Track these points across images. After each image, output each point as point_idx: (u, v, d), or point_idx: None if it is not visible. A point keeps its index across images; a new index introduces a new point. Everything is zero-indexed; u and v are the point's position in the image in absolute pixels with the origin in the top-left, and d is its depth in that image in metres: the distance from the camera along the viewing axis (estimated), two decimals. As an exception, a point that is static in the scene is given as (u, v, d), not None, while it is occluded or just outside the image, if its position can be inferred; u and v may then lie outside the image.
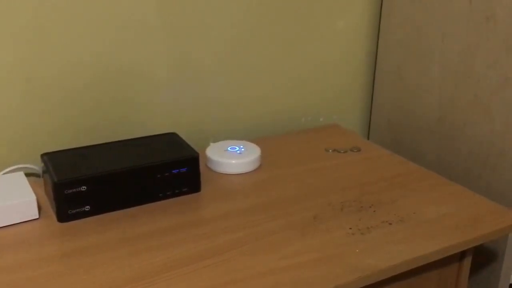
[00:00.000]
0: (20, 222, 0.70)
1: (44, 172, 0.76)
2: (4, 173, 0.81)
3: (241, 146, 0.90)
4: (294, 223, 0.71)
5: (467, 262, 0.77)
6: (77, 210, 0.71)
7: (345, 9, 1.08)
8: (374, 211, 0.74)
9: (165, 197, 0.77)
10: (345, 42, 1.10)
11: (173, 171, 0.77)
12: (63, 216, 0.71)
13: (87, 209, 0.72)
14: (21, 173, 0.77)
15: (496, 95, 0.86)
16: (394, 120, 1.10)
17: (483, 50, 0.87)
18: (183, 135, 0.92)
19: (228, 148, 0.90)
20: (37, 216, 0.71)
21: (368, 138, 1.19)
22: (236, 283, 0.59)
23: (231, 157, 0.86)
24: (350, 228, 0.70)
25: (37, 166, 0.84)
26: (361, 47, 1.13)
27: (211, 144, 0.92)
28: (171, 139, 0.84)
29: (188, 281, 0.59)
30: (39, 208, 0.72)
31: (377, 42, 1.12)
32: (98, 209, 0.73)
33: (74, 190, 0.70)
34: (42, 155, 0.77)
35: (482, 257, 0.90)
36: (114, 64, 0.89)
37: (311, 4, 1.04)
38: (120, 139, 0.87)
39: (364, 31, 1.12)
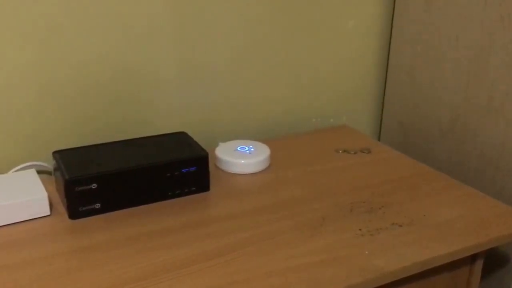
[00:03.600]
0: (32, 219, 0.71)
1: (55, 169, 0.77)
2: (16, 170, 0.82)
3: (251, 146, 0.90)
4: (302, 224, 0.71)
5: (479, 265, 0.76)
6: (88, 207, 0.72)
7: (357, 9, 1.07)
8: (384, 212, 0.74)
9: (174, 196, 0.77)
10: (356, 42, 1.10)
11: (182, 170, 0.77)
12: (74, 213, 0.71)
13: (97, 207, 0.72)
14: (33, 170, 0.78)
15: (510, 97, 0.85)
16: (405, 121, 1.09)
17: (497, 50, 0.86)
18: (192, 134, 0.92)
19: (238, 148, 0.90)
20: (49, 213, 0.72)
21: (379, 139, 1.19)
22: (243, 283, 0.58)
23: (241, 157, 0.86)
24: (360, 230, 0.69)
25: (48, 164, 0.85)
26: (372, 47, 1.12)
27: (221, 144, 0.92)
28: (180, 138, 0.84)
29: (196, 280, 0.59)
30: (51, 205, 0.73)
31: (389, 42, 1.11)
32: (108, 206, 0.73)
33: (85, 187, 0.71)
34: (54, 153, 0.78)
35: (494, 260, 0.89)
36: (125, 64, 0.89)
37: (322, 4, 1.03)
38: (130, 137, 0.88)
39: (376, 31, 1.11)
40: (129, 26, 0.88)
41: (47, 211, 0.72)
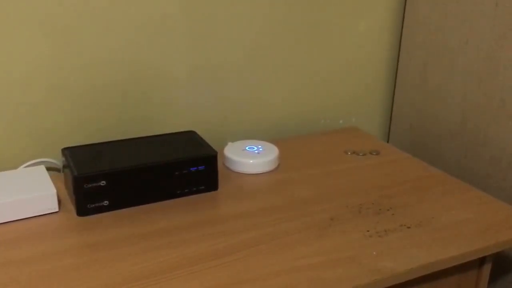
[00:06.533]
0: (40, 215, 0.72)
1: (64, 166, 0.77)
2: (25, 167, 0.83)
3: (259, 146, 0.90)
4: (311, 224, 0.71)
5: (487, 269, 0.75)
6: (96, 204, 0.72)
7: (367, 11, 1.07)
8: (392, 214, 0.74)
9: (183, 194, 0.78)
10: (366, 44, 1.10)
11: (191, 169, 0.77)
12: (82, 210, 0.72)
13: (105, 204, 0.73)
14: (42, 167, 0.79)
15: (520, 100, 0.85)
16: (415, 124, 1.08)
17: (508, 53, 0.86)
18: (202, 133, 0.92)
19: (246, 148, 0.90)
20: (57, 210, 0.73)
21: (388, 141, 1.18)
22: (251, 282, 0.58)
23: (249, 157, 0.86)
24: (368, 231, 0.69)
25: (57, 161, 0.86)
26: (383, 48, 1.12)
27: (229, 143, 0.92)
28: (190, 137, 0.85)
29: (203, 279, 0.59)
30: (59, 202, 0.73)
31: (400, 44, 1.11)
32: (117, 204, 0.73)
33: (94, 184, 0.71)
34: (63, 150, 0.78)
35: (502, 264, 0.88)
36: (136, 63, 0.90)
37: (332, 6, 1.03)
38: (140, 136, 0.88)
39: (386, 32, 1.11)
40: (141, 25, 0.88)
41: (55, 208, 0.72)
